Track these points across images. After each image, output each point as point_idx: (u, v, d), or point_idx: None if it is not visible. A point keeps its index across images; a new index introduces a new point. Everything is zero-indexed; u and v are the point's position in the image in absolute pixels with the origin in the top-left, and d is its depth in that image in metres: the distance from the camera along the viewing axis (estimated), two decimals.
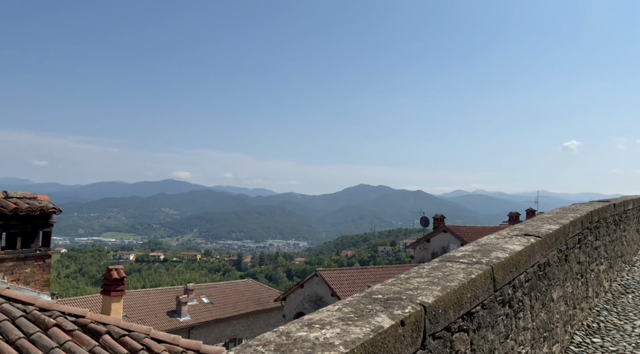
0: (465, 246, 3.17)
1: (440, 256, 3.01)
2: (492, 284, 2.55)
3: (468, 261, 2.68)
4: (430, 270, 2.58)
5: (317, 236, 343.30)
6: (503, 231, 3.52)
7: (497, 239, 3.21)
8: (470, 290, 2.25)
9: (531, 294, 3.01)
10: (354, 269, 24.44)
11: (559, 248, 3.63)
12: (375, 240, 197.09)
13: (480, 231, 27.94)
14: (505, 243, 3.06)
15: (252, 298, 30.97)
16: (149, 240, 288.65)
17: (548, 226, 3.67)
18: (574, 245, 4.11)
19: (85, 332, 4.26)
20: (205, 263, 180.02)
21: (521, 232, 3.46)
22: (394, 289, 2.14)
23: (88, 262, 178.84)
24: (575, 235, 4.21)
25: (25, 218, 5.50)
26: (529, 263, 2.96)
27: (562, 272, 3.64)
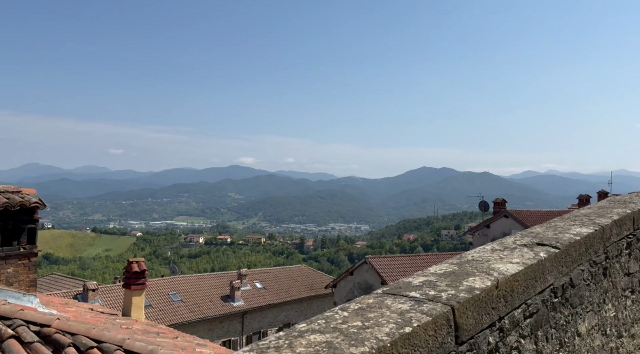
0: (438, 266, 2.22)
1: (386, 286, 1.97)
2: (453, 335, 1.58)
3: (419, 297, 1.70)
4: (352, 314, 1.57)
5: (378, 219, 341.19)
6: (509, 238, 2.64)
7: (492, 252, 2.29)
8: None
9: (537, 334, 2.00)
10: (405, 256, 23.48)
11: (591, 260, 2.68)
12: (438, 223, 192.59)
13: (545, 215, 25.85)
14: (499, 260, 2.12)
15: (305, 284, 30.92)
16: (217, 224, 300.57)
17: (577, 230, 2.71)
18: (618, 252, 3.08)
19: (48, 344, 3.86)
20: (269, 246, 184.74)
21: (533, 240, 2.50)
22: None
23: (162, 244, 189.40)
24: (622, 238, 3.15)
25: (4, 214, 5.20)
26: (532, 290, 2.01)
27: (598, 292, 2.68)
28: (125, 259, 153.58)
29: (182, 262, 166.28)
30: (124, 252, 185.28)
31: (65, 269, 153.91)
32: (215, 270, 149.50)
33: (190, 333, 24.29)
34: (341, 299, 24.25)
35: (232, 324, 25.96)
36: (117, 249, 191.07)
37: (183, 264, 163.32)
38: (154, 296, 23.97)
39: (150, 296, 24.09)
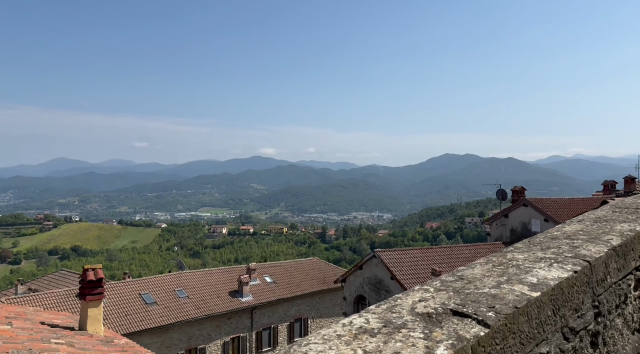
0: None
1: None
2: None
3: None
4: None
5: (401, 208, 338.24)
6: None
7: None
8: None
9: None
10: (417, 249, 22.36)
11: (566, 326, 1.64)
12: (462, 210, 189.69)
13: (568, 203, 24.29)
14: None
15: (317, 277, 30.07)
16: (240, 214, 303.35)
17: (541, 274, 1.65)
18: (621, 298, 1.93)
19: None
20: (291, 235, 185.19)
21: (450, 302, 1.45)
22: None
23: (186, 235, 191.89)
24: (628, 274, 1.99)
25: None
26: None
27: None
28: (150, 250, 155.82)
29: (206, 252, 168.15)
30: (150, 243, 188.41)
31: (93, 260, 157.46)
32: (239, 260, 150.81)
33: (197, 329, 23.80)
34: (351, 294, 23.35)
35: (240, 320, 25.35)
36: (143, 240, 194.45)
37: (207, 254, 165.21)
38: (160, 292, 23.51)
39: (155, 292, 23.67)
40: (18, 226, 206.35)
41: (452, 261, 21.83)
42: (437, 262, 21.64)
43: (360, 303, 22.95)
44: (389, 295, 20.85)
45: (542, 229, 23.32)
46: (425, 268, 20.85)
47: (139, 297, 22.80)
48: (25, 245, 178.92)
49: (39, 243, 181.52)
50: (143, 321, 21.64)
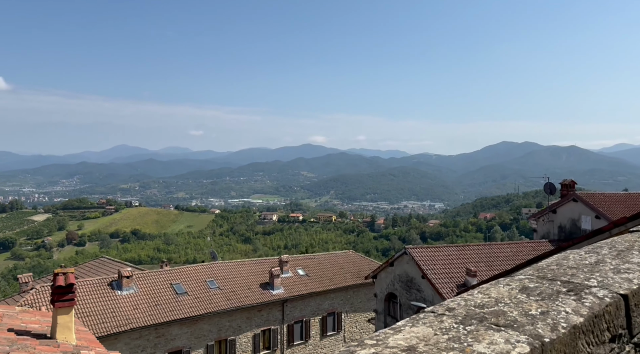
0: None
1: None
2: None
3: None
4: None
5: (453, 197, 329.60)
6: None
7: None
8: None
9: None
10: (453, 246, 21.03)
11: None
12: (519, 201, 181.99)
13: (623, 198, 22.04)
14: None
15: (351, 271, 29.32)
16: (291, 201, 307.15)
17: None
18: None
19: None
20: (340, 224, 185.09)
21: None
22: None
23: (238, 221, 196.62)
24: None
25: None
26: None
27: None
28: (204, 235, 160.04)
29: (256, 239, 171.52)
30: (204, 228, 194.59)
31: (152, 244, 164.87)
32: (288, 247, 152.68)
33: (227, 321, 23.75)
34: (382, 291, 22.46)
35: (271, 313, 25.11)
36: (198, 225, 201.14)
37: (257, 240, 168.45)
38: (190, 282, 23.63)
39: (186, 282, 23.82)
40: (83, 210, 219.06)
41: (491, 260, 20.40)
42: (474, 260, 20.28)
43: (392, 301, 22.04)
44: (419, 294, 19.78)
45: (592, 226, 21.30)
46: (459, 267, 19.58)
47: (170, 287, 23.03)
48: (89, 228, 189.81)
49: (101, 227, 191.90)
50: (173, 312, 21.83)
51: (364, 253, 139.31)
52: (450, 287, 18.44)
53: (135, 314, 20.82)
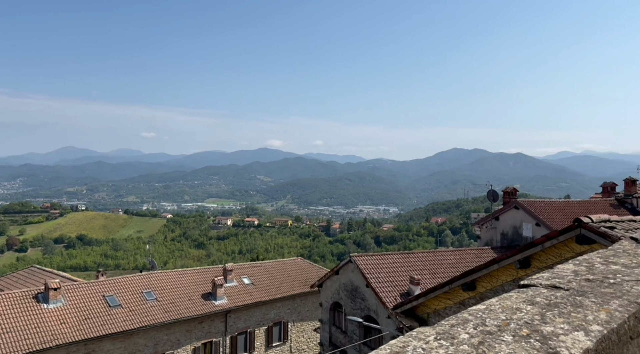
0: None
1: None
2: None
3: None
4: None
5: (407, 202, 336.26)
6: None
7: None
8: None
9: None
10: (397, 254, 20.86)
11: None
12: (468, 206, 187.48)
13: (563, 206, 22.64)
14: None
15: (299, 279, 28.67)
16: (246, 206, 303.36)
17: None
18: None
19: None
20: (296, 228, 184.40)
21: None
22: None
23: (191, 226, 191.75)
24: None
25: None
26: None
27: None
28: (155, 240, 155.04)
29: (210, 244, 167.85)
30: (155, 234, 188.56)
31: (99, 250, 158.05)
32: (243, 252, 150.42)
33: (165, 334, 22.48)
34: (327, 300, 21.95)
35: (214, 324, 24.04)
36: (149, 231, 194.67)
37: (211, 246, 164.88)
38: (126, 294, 22.22)
39: (121, 294, 22.39)
40: (25, 214, 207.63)
41: (435, 268, 20.32)
42: (419, 268, 20.14)
43: (337, 310, 21.57)
44: (364, 303, 19.40)
45: (533, 234, 21.69)
46: (404, 275, 19.36)
47: (103, 299, 21.55)
48: (31, 233, 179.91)
49: (45, 232, 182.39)
50: (105, 326, 20.41)
51: (320, 257, 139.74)
52: (394, 296, 18.16)
53: (62, 330, 19.29)
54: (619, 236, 7.12)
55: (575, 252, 7.64)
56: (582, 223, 7.38)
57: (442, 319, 1.18)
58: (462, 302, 9.25)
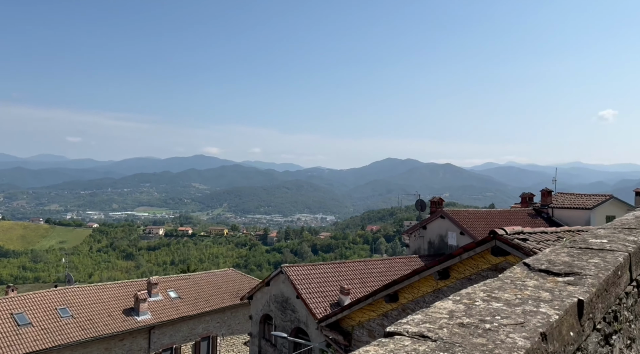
0: None
1: None
2: None
3: None
4: None
5: (344, 210, 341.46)
6: None
7: None
8: None
9: None
10: (329, 263, 20.82)
11: None
12: (402, 214, 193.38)
13: (485, 216, 23.74)
14: None
15: (230, 291, 27.88)
16: (180, 215, 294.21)
17: None
18: None
19: None
20: (232, 237, 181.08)
21: None
22: None
23: (119, 236, 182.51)
24: None
25: None
26: None
27: None
28: (80, 251, 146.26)
29: (140, 254, 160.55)
30: (80, 244, 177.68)
31: (16, 262, 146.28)
32: (176, 263, 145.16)
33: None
34: (257, 312, 21.43)
35: (136, 342, 22.71)
36: (72, 241, 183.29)
37: (141, 256, 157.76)
38: (37, 311, 20.45)
39: (32, 311, 20.59)
40: None
41: (365, 277, 20.47)
42: (349, 278, 20.20)
43: (267, 323, 21.10)
44: (294, 315, 19.11)
45: (458, 243, 22.48)
46: (334, 286, 19.32)
47: (11, 317, 19.69)
48: None
49: None
50: (12, 346, 18.62)
51: (256, 266, 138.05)
52: (324, 306, 18.03)
53: None
54: (530, 248, 7.38)
55: (491, 263, 7.85)
56: (497, 235, 7.58)
57: (366, 331, 1.19)
58: (385, 314, 9.24)
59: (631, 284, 2.32)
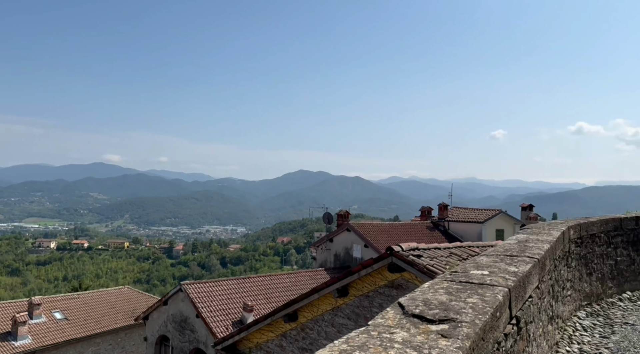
0: None
1: None
2: None
3: None
4: None
5: (255, 222, 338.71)
6: None
7: None
8: None
9: None
10: (233, 279, 20.10)
11: None
12: (312, 225, 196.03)
13: (388, 228, 24.52)
14: None
15: (124, 310, 25.90)
16: (76, 226, 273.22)
17: None
18: None
19: None
20: (133, 251, 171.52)
21: None
22: None
23: (3, 250, 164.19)
24: None
25: None
26: None
27: None
28: None
29: (27, 270, 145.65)
30: None
31: None
32: (69, 278, 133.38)
33: None
34: (153, 334, 20.02)
35: None
36: None
37: (29, 272, 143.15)
38: None
39: None
40: None
41: (270, 293, 20.00)
42: (254, 294, 19.61)
43: (164, 344, 19.78)
44: (193, 335, 18.09)
45: (363, 255, 22.89)
46: (238, 302, 18.62)
47: None
48: None
49: None
50: None
51: (160, 281, 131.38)
52: (225, 325, 17.26)
53: None
54: (424, 264, 7.48)
55: (388, 280, 7.87)
56: (394, 252, 7.62)
57: (264, 353, 1.14)
58: (284, 334, 8.91)
59: (511, 322, 2.20)
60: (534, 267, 2.61)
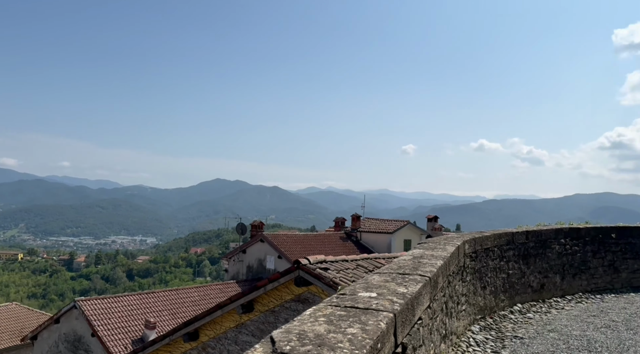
0: None
1: None
2: None
3: None
4: None
5: (167, 232, 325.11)
6: None
7: None
8: None
9: None
10: (135, 294, 18.84)
11: None
12: (228, 235, 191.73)
13: (301, 239, 24.51)
14: None
15: (11, 329, 23.29)
16: None
17: None
18: None
19: None
20: (28, 263, 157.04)
21: None
22: None
23: None
24: None
25: None
26: None
27: None
28: None
29: None
30: None
31: None
32: None
33: None
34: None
35: None
36: None
37: None
38: None
39: None
40: None
41: (176, 308, 19.00)
42: (158, 309, 18.50)
43: None
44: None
45: (276, 266, 22.59)
46: (139, 319, 17.43)
47: None
48: None
49: None
50: None
51: (58, 296, 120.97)
52: (124, 344, 16.06)
53: None
54: (331, 277, 7.39)
55: (295, 294, 7.69)
56: (301, 265, 7.46)
57: None
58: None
59: (396, 351, 2.04)
60: (424, 286, 2.54)
